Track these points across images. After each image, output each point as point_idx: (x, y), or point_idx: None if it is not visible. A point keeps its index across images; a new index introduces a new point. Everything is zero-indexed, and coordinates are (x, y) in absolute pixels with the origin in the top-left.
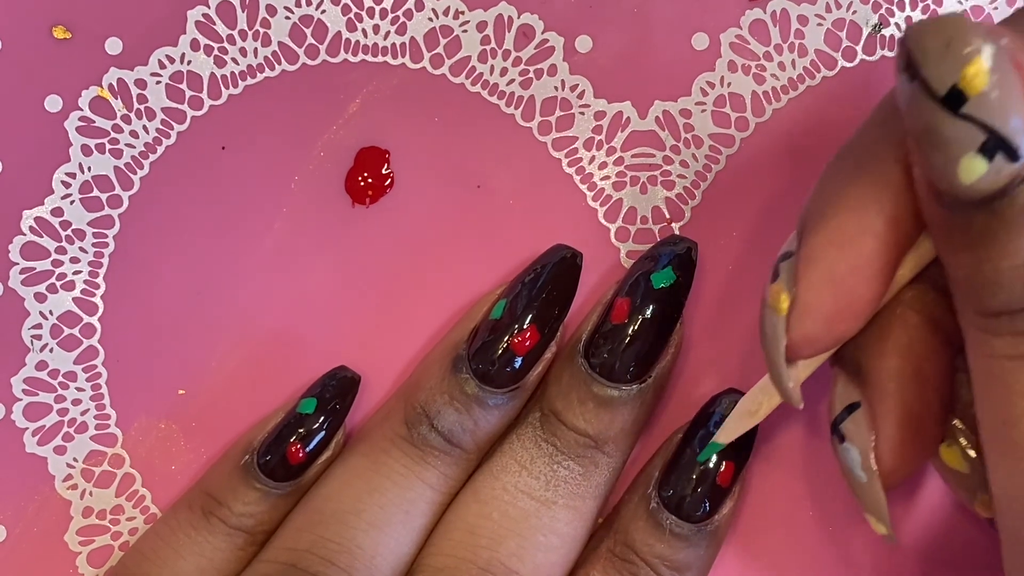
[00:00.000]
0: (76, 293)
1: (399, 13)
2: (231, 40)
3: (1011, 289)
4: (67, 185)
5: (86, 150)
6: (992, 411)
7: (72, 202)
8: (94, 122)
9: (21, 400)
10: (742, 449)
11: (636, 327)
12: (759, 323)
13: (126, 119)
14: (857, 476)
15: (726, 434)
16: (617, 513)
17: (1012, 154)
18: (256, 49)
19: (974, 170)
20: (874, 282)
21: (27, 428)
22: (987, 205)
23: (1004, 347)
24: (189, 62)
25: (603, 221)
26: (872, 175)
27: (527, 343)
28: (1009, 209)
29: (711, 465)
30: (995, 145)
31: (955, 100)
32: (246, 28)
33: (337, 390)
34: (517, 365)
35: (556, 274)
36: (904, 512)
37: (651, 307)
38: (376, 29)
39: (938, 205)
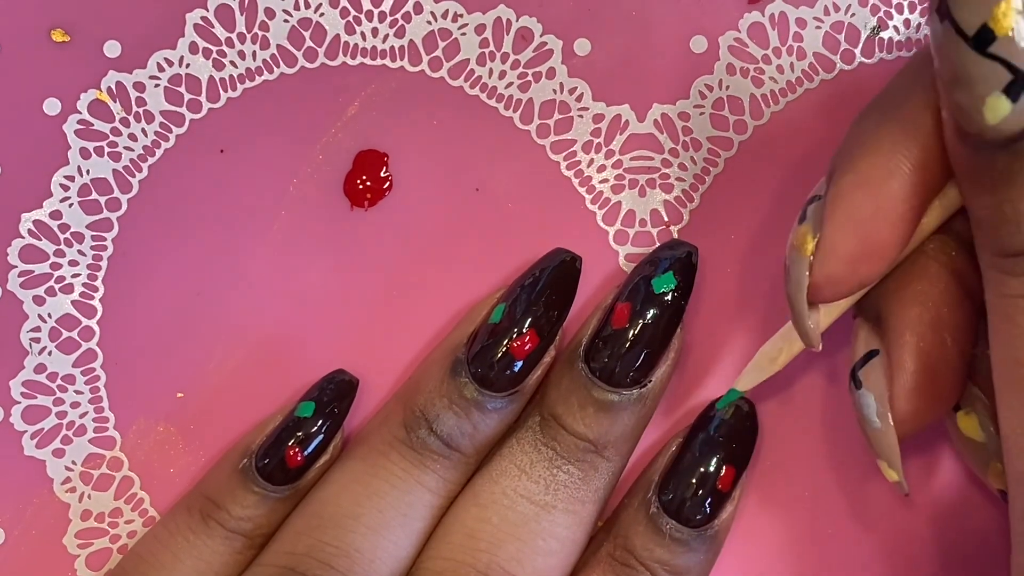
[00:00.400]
0: (75, 296)
1: (398, 16)
2: (230, 43)
3: None
4: (66, 188)
5: (85, 153)
6: (1005, 350)
7: (71, 205)
8: (93, 125)
9: (20, 403)
10: (742, 454)
11: (637, 332)
12: (783, 266)
13: (125, 122)
14: (872, 423)
15: (746, 381)
16: (617, 517)
17: None
18: (255, 52)
19: (1000, 109)
20: (898, 225)
21: (26, 431)
22: (1010, 146)
23: (1019, 287)
24: (188, 65)
25: (602, 224)
26: (901, 120)
27: (526, 347)
28: None
29: (711, 470)
30: (1021, 85)
31: (984, 40)
32: (244, 31)
33: (335, 393)
34: (516, 369)
35: (555, 278)
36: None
37: (652, 311)
38: (375, 32)
39: (963, 145)
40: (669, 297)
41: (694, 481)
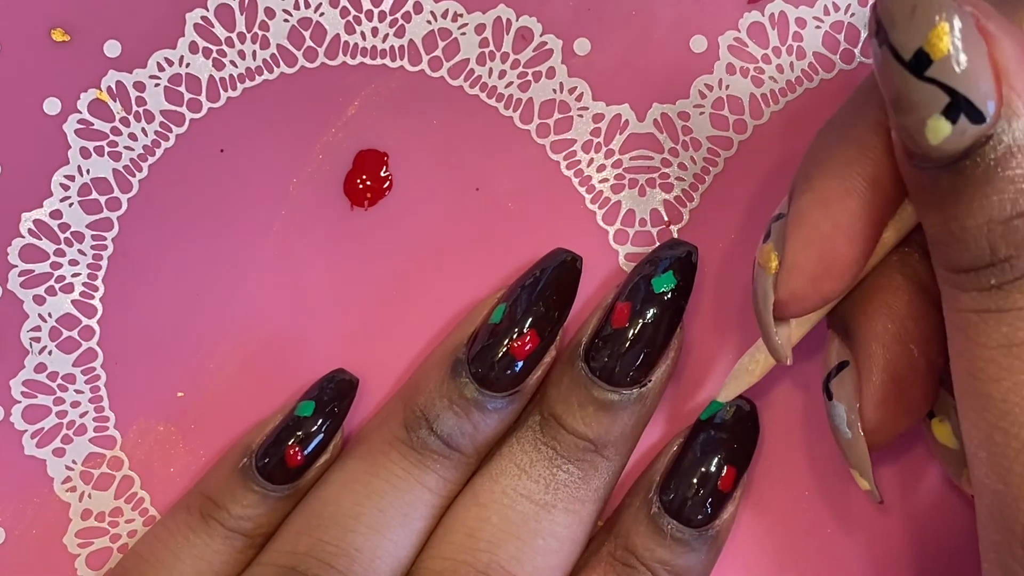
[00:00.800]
0: (75, 295)
1: (398, 16)
2: (230, 43)
3: (976, 246)
4: (66, 188)
5: (85, 153)
6: (961, 364)
7: (71, 205)
8: (93, 125)
9: (20, 402)
10: (744, 454)
11: (636, 331)
12: (751, 283)
13: (125, 122)
14: (843, 432)
15: (727, 392)
16: (618, 517)
17: (975, 116)
18: (255, 52)
19: (940, 131)
20: (857, 241)
21: (26, 430)
22: (953, 165)
23: (970, 302)
24: (188, 65)
25: (601, 223)
26: (854, 139)
27: (527, 347)
28: (973, 169)
29: (712, 470)
30: (959, 107)
31: (920, 64)
32: (244, 31)
33: (335, 393)
34: (517, 369)
35: (556, 278)
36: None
37: (652, 311)
38: (375, 32)
39: (910, 165)
40: (669, 296)
41: (695, 481)
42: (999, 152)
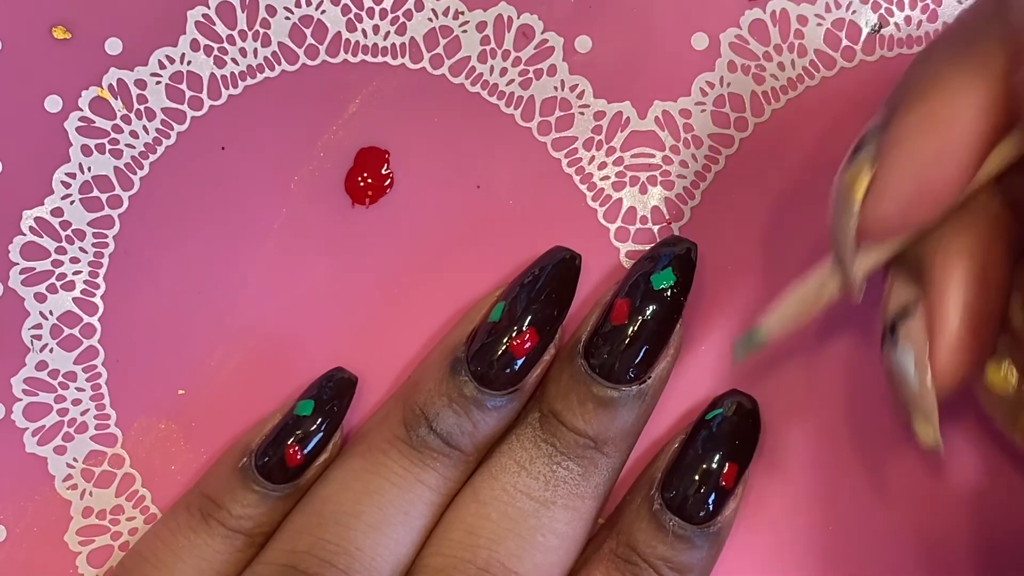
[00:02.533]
0: (76, 293)
1: (399, 13)
2: (231, 40)
3: None
4: (67, 185)
5: (86, 150)
6: None
7: (72, 202)
8: (94, 122)
9: (21, 400)
10: (745, 451)
11: (636, 328)
12: (830, 201)
13: (126, 119)
14: (910, 380)
15: (776, 322)
16: (620, 514)
17: None
18: (256, 49)
19: None
20: (960, 171)
21: (27, 428)
22: None
23: None
24: (189, 62)
25: (603, 221)
26: (972, 58)
27: (526, 345)
28: None
29: (714, 466)
30: None
31: None
32: (246, 28)
33: (334, 391)
34: (516, 367)
35: (555, 276)
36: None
37: (651, 308)
38: (376, 29)
39: None
40: (668, 293)
41: (697, 478)
42: None
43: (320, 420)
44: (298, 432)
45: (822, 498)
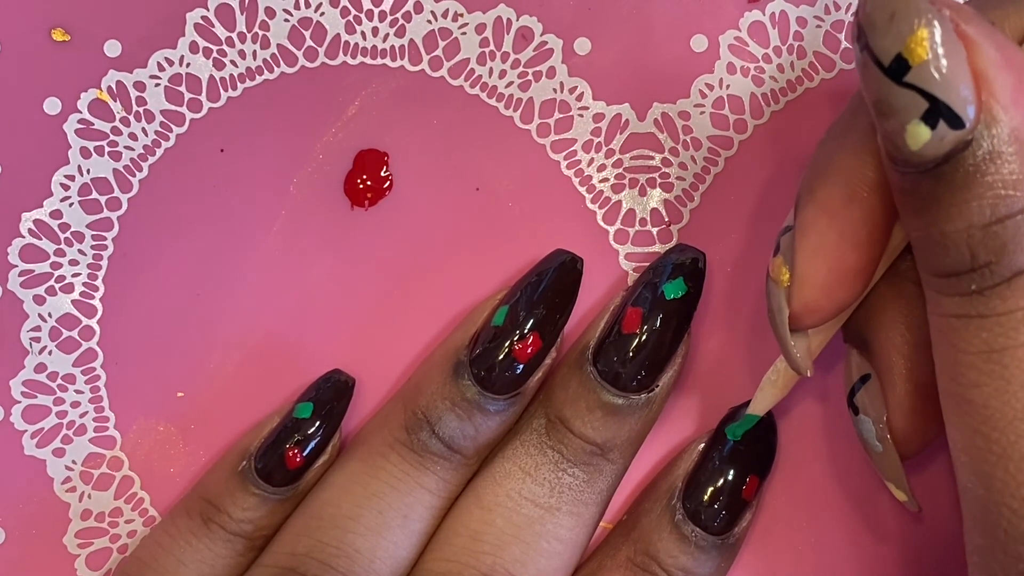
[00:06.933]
0: (75, 295)
1: (398, 15)
2: (230, 42)
3: (956, 251)
4: (66, 187)
5: (85, 152)
6: (943, 368)
7: (71, 204)
8: (93, 124)
9: (20, 402)
10: (764, 462)
11: (646, 337)
12: (765, 297)
13: (125, 121)
14: (874, 446)
15: (757, 406)
16: (635, 521)
17: (955, 122)
18: (255, 52)
19: (920, 136)
20: (865, 248)
21: (26, 430)
22: (933, 170)
23: (952, 307)
24: (188, 64)
25: (602, 223)
26: (852, 147)
27: (529, 349)
28: (953, 175)
29: (737, 478)
30: (938, 113)
31: (899, 69)
32: (245, 31)
33: (332, 393)
34: (519, 371)
35: (557, 280)
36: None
37: (662, 317)
38: (375, 32)
39: (893, 170)
40: (679, 303)
41: (720, 489)
42: (978, 157)
43: (319, 422)
44: (297, 435)
45: (822, 501)
